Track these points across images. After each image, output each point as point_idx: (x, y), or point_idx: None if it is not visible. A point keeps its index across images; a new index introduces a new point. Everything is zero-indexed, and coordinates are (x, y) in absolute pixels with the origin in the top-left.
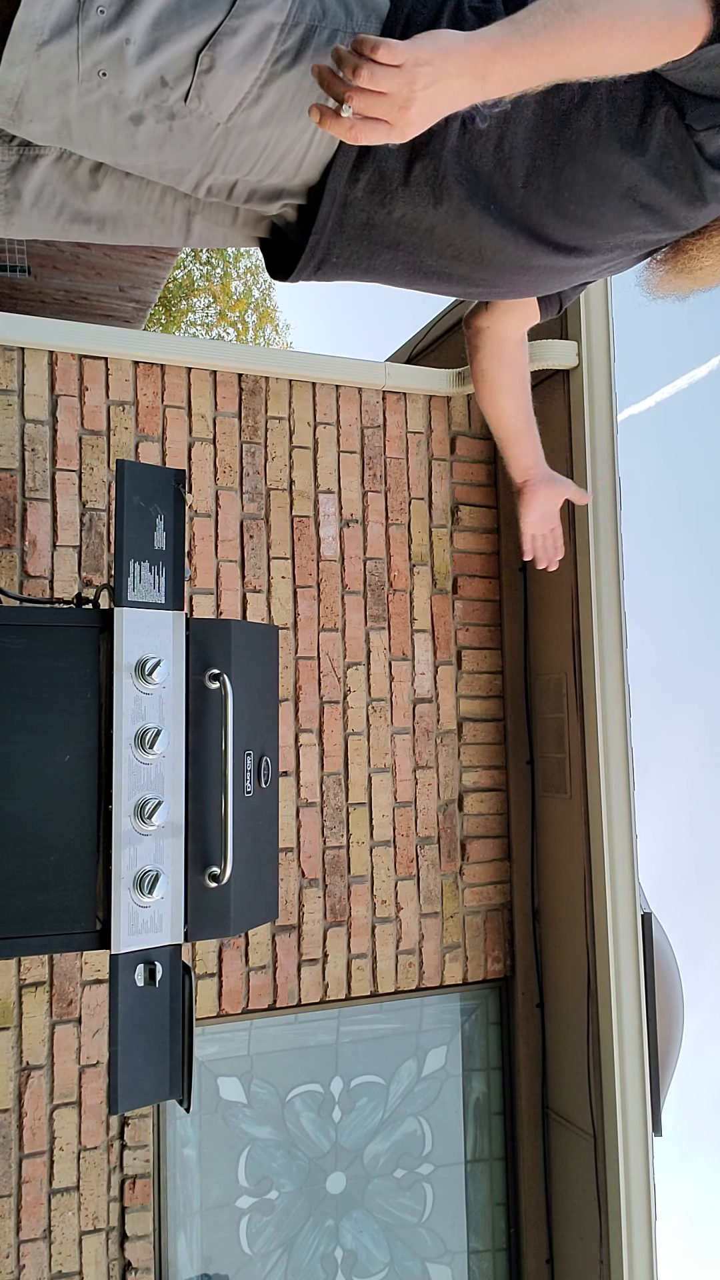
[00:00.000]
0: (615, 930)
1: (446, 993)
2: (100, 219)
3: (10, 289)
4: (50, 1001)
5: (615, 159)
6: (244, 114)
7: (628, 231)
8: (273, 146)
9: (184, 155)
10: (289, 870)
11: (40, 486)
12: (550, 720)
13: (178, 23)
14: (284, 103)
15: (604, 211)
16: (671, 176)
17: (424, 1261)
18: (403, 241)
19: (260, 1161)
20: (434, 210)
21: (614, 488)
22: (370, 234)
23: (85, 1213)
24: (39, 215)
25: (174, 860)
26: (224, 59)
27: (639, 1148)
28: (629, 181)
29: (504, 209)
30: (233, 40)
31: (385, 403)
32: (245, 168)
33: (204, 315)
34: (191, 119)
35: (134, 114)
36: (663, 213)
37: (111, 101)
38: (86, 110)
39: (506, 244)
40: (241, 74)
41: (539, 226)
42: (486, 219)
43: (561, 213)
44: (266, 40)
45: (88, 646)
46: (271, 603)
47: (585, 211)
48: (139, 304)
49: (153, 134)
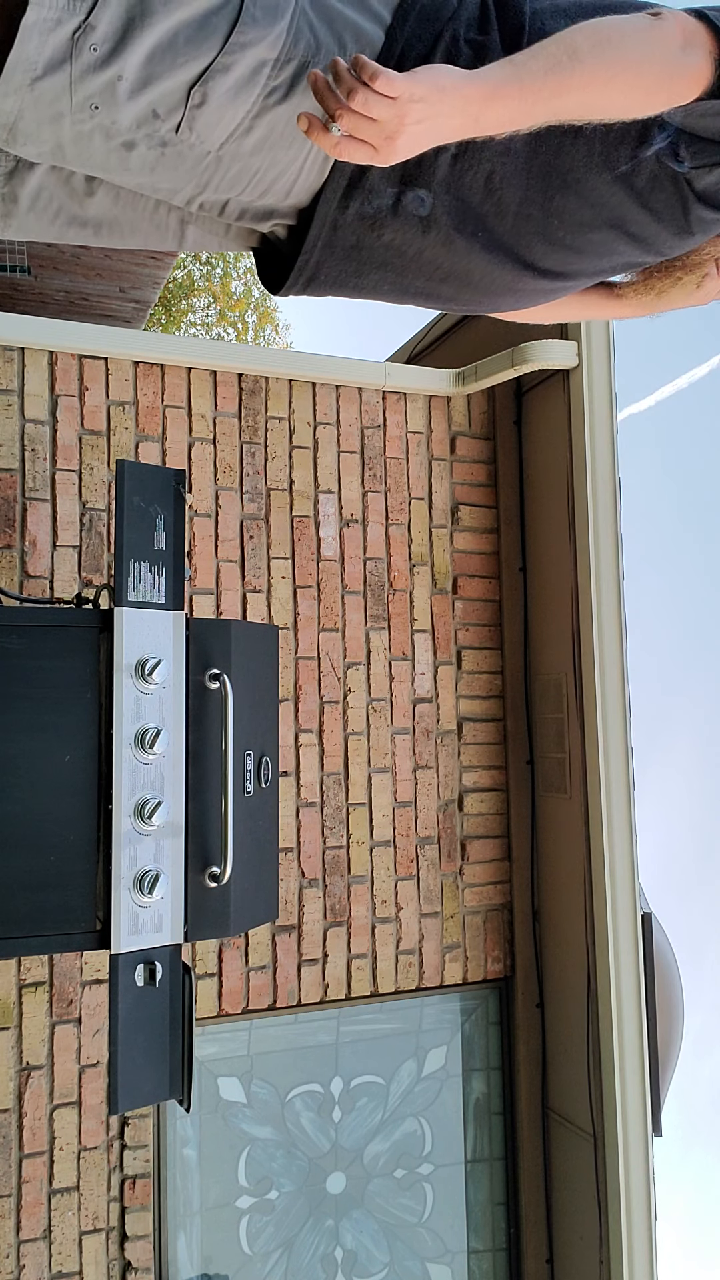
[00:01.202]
0: (615, 930)
1: (446, 993)
2: (96, 223)
3: (10, 289)
4: (50, 1001)
5: (606, 190)
6: (235, 143)
7: (613, 257)
8: (264, 172)
9: (176, 177)
10: (289, 870)
11: (40, 486)
12: (550, 720)
13: (170, 59)
14: (275, 133)
15: (591, 239)
16: (661, 209)
17: (424, 1261)
18: (391, 263)
19: (260, 1161)
20: (422, 238)
21: (614, 488)
22: (359, 255)
23: (85, 1213)
24: (36, 219)
25: (174, 860)
26: (216, 94)
27: (639, 1148)
28: (618, 212)
29: (492, 236)
30: (225, 77)
31: (385, 403)
32: (237, 189)
33: (204, 315)
34: (183, 147)
35: (126, 141)
36: (648, 242)
37: (104, 131)
38: (79, 136)
39: (494, 269)
40: (233, 107)
41: (527, 253)
42: (474, 246)
43: (550, 240)
44: (259, 76)
45: (88, 646)
46: (271, 603)
47: (573, 239)
48: (139, 304)
49: (145, 159)
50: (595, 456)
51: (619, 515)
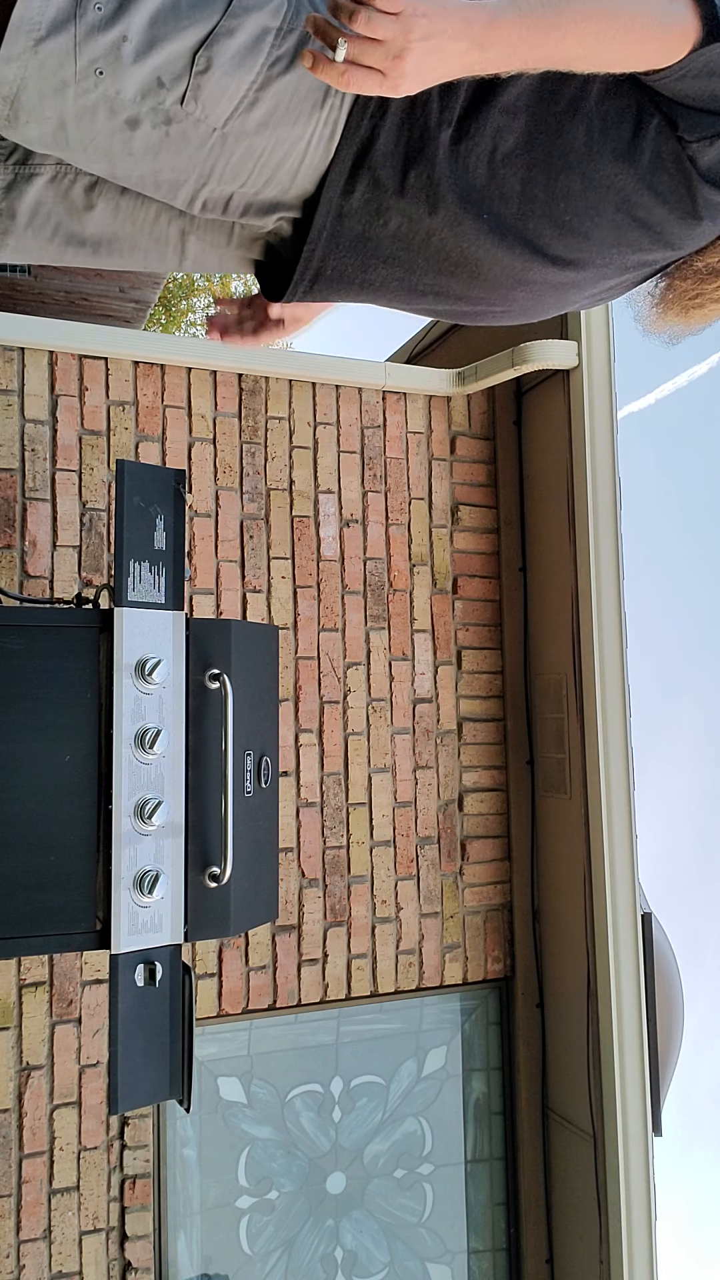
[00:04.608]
0: (615, 930)
1: (446, 993)
2: (95, 241)
3: (10, 289)
4: (50, 1001)
5: (609, 170)
6: (240, 119)
7: (623, 248)
8: (268, 154)
9: (180, 163)
10: (289, 870)
11: (40, 486)
12: (550, 720)
13: (174, 21)
14: (279, 108)
15: (599, 223)
16: (665, 190)
17: (424, 1261)
18: (398, 257)
19: (260, 1161)
20: (429, 219)
21: (614, 488)
22: (365, 247)
23: (85, 1213)
24: (33, 237)
25: (174, 860)
26: (220, 60)
27: (639, 1148)
28: (623, 194)
29: (499, 219)
30: (229, 41)
31: (385, 403)
32: (241, 178)
33: (204, 315)
34: (188, 123)
35: (130, 117)
36: (657, 229)
37: (108, 103)
38: (83, 112)
39: (502, 255)
40: (238, 77)
41: (535, 237)
42: (481, 228)
43: (557, 223)
44: (262, 43)
45: (88, 646)
46: (271, 603)
47: (580, 223)
48: (139, 304)
49: (149, 139)
50: (595, 457)
51: (619, 515)
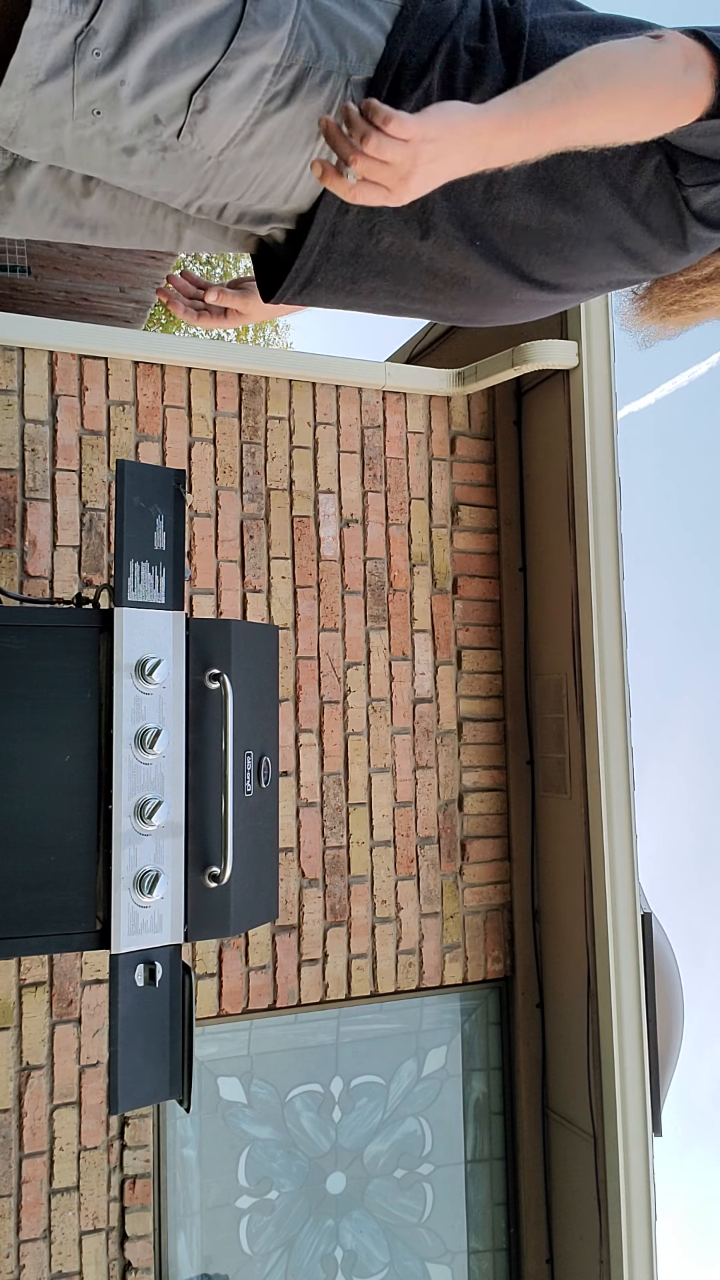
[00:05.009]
0: (615, 930)
1: (446, 993)
2: (93, 224)
3: (10, 289)
4: (50, 1001)
5: (604, 203)
6: (235, 149)
7: (609, 272)
8: (264, 177)
9: (175, 181)
10: (289, 870)
11: (40, 486)
12: (550, 720)
13: (173, 64)
14: (276, 139)
15: (587, 253)
16: (657, 224)
17: (424, 1261)
18: (389, 270)
19: (260, 1161)
20: (420, 243)
21: (614, 488)
22: (357, 261)
23: (85, 1213)
24: (32, 217)
25: (174, 860)
26: (217, 99)
27: (639, 1148)
28: (615, 226)
29: (490, 245)
30: (226, 82)
31: (385, 403)
32: (236, 194)
33: None
34: (184, 152)
35: (127, 146)
36: (645, 258)
37: (105, 136)
38: (80, 141)
39: (491, 278)
40: (235, 113)
41: (524, 264)
42: (472, 253)
43: (546, 251)
44: (260, 81)
45: (88, 646)
46: (271, 603)
47: (570, 251)
48: (139, 304)
49: (145, 163)
50: (595, 456)
51: (619, 515)
